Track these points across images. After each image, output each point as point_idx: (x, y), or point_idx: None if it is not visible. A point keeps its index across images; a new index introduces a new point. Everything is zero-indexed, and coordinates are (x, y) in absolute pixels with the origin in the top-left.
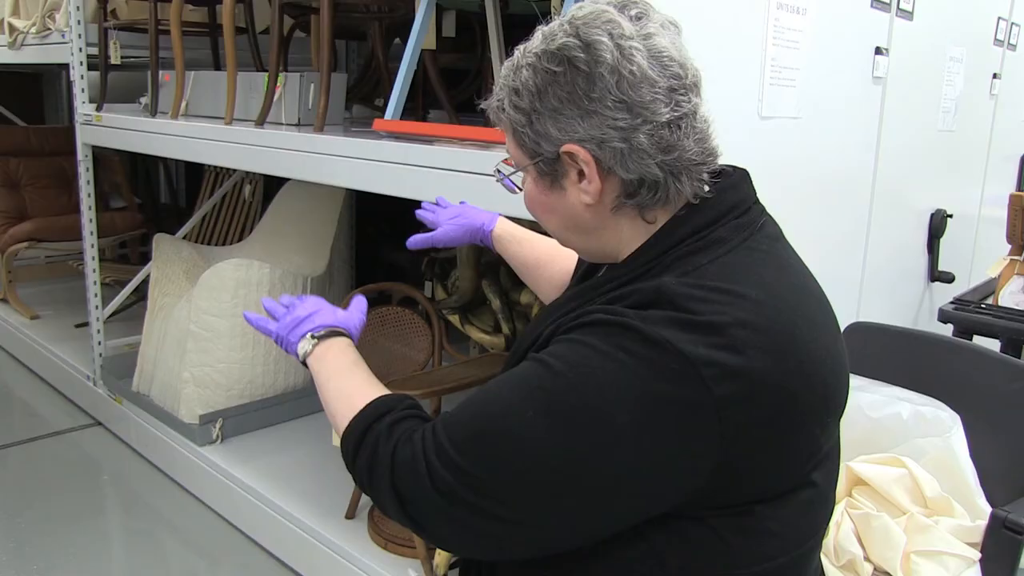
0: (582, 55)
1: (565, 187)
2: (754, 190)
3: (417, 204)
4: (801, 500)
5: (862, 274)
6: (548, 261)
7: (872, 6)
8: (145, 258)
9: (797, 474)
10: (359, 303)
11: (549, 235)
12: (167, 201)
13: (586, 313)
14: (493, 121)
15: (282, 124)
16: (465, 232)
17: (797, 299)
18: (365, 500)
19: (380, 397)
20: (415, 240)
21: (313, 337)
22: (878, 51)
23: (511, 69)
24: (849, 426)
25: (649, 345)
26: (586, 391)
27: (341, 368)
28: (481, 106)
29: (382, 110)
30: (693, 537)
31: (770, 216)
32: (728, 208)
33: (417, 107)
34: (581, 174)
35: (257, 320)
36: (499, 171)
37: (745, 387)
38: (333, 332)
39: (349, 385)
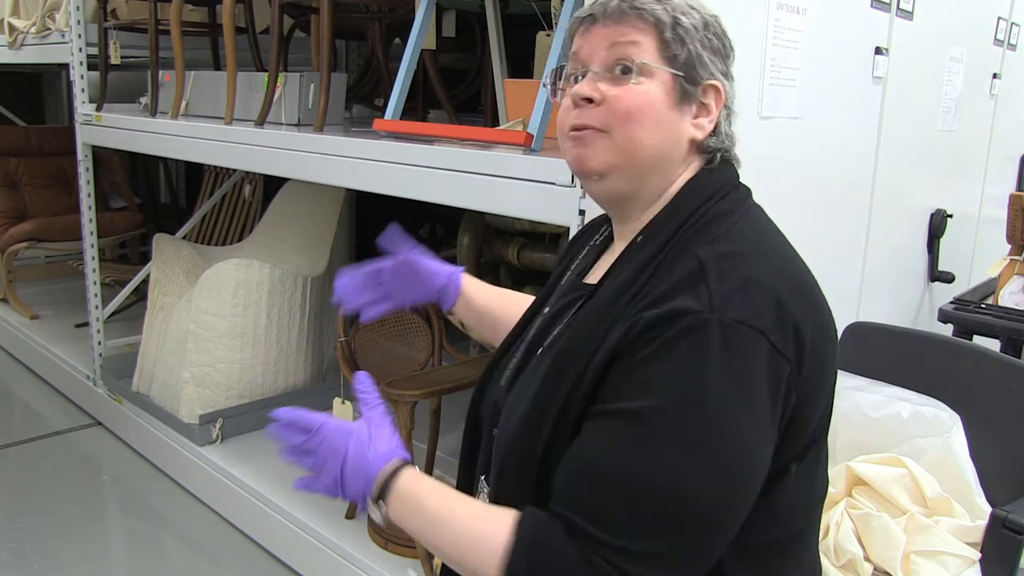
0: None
1: (683, 113)
2: (736, 170)
3: (417, 204)
4: (813, 459)
5: (862, 274)
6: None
7: (872, 6)
8: (145, 258)
9: (816, 428)
10: (363, 383)
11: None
12: (167, 201)
13: (651, 327)
14: (649, 14)
15: (282, 124)
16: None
17: (802, 260)
18: None
19: (516, 531)
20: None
21: (377, 500)
22: (878, 51)
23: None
24: (849, 426)
25: (726, 332)
26: (701, 408)
27: (435, 514)
28: (649, 5)
29: (382, 110)
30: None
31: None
32: (723, 182)
33: (417, 107)
34: (700, 108)
35: (308, 484)
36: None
37: (798, 342)
38: (386, 479)
39: (459, 525)
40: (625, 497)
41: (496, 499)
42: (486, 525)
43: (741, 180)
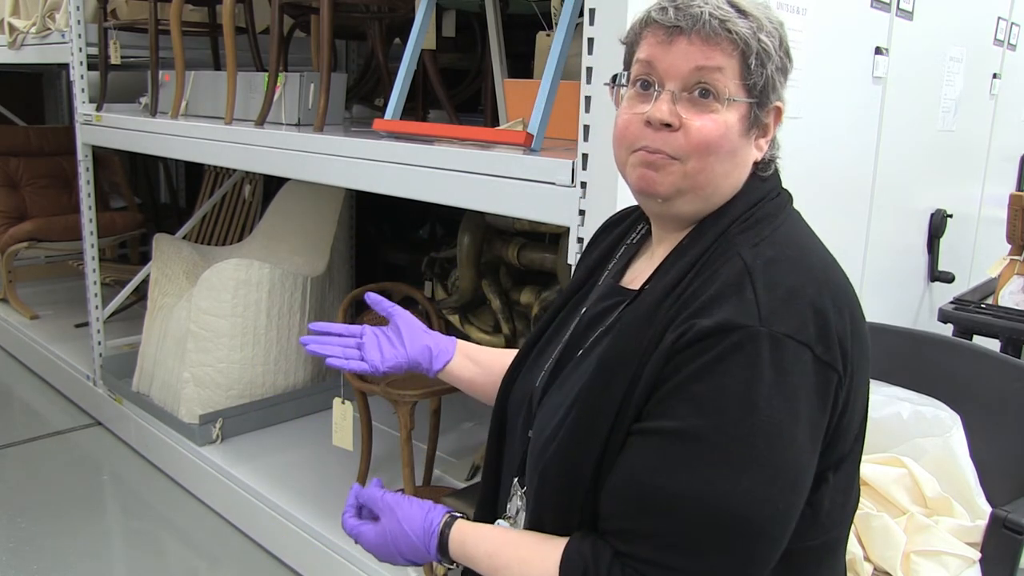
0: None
1: (750, 138)
2: (779, 177)
3: (417, 204)
4: (850, 467)
5: (862, 274)
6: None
7: (872, 6)
8: (145, 258)
9: (853, 437)
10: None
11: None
12: (167, 201)
13: (703, 338)
14: (740, 39)
15: (282, 124)
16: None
17: (841, 268)
18: None
19: (566, 562)
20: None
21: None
22: (878, 51)
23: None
24: None
25: (775, 345)
26: (754, 425)
27: (485, 568)
28: (740, 28)
29: (382, 110)
30: None
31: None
32: (768, 189)
33: (417, 107)
34: (762, 130)
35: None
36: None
37: (842, 351)
38: (441, 547)
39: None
40: (681, 516)
41: (536, 507)
42: (532, 570)
43: (782, 186)
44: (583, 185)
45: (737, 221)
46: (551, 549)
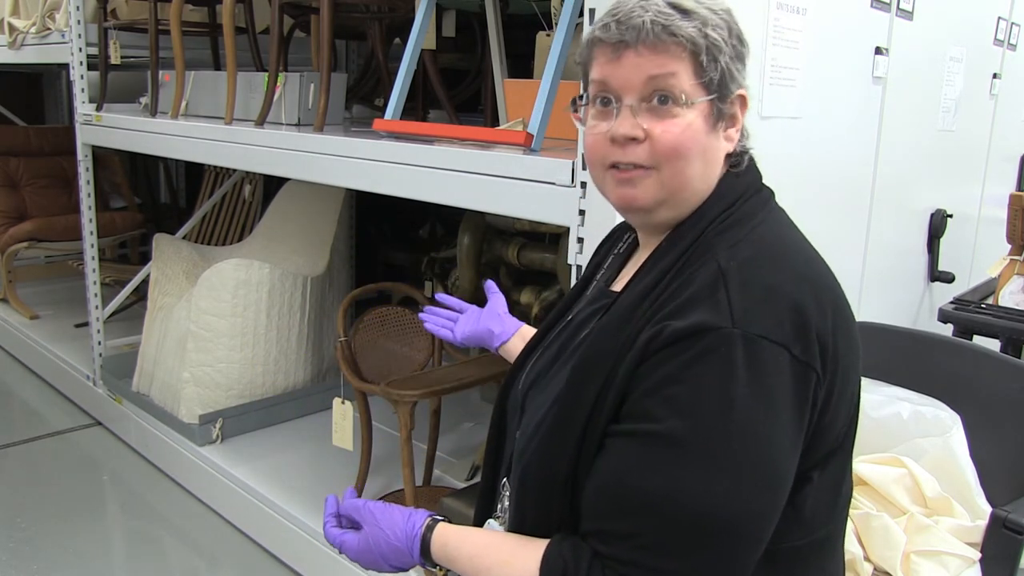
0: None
1: (718, 132)
2: (759, 172)
3: (417, 204)
4: (837, 466)
5: (862, 274)
6: None
7: (872, 6)
8: (145, 258)
9: (839, 436)
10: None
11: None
12: (167, 201)
13: (676, 341)
14: (687, 40)
15: (282, 124)
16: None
17: (825, 264)
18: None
19: (546, 564)
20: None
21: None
22: (878, 51)
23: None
24: None
25: (749, 346)
26: (730, 426)
27: (465, 570)
28: (684, 29)
29: (382, 110)
30: None
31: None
32: (746, 187)
33: (417, 107)
34: (730, 121)
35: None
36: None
37: (822, 348)
38: (424, 551)
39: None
40: (659, 518)
41: (518, 506)
42: (513, 571)
43: (763, 181)
44: (583, 185)
45: (715, 223)
46: (532, 551)
